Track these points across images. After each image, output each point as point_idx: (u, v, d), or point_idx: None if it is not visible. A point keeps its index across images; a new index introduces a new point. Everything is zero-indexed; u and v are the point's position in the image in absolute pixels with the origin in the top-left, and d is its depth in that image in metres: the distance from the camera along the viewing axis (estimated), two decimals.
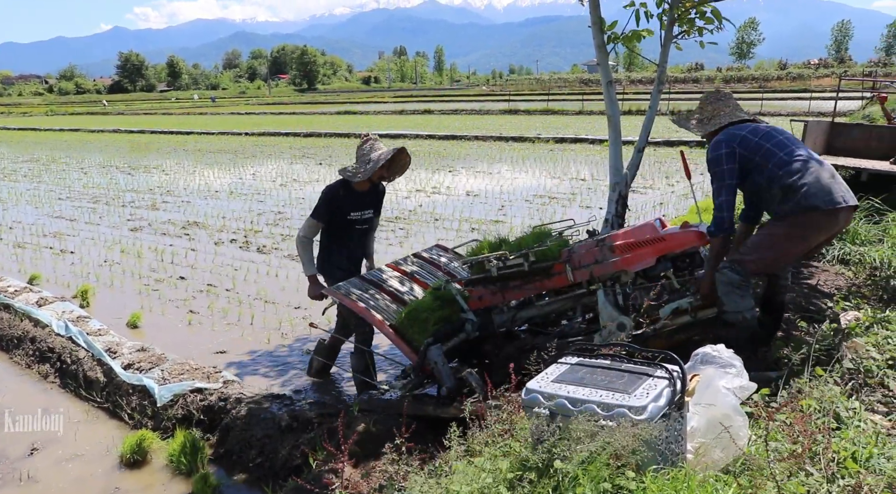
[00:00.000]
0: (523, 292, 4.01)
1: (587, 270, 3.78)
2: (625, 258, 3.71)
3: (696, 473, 1.92)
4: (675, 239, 3.71)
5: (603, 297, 3.71)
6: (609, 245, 3.75)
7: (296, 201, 12.31)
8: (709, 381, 2.17)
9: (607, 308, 3.69)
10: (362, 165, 4.54)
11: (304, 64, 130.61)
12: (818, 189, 3.40)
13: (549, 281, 3.91)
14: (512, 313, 4.14)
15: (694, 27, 6.00)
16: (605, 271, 3.75)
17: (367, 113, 43.96)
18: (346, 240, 4.71)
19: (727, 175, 3.56)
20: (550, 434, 2.00)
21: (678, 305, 3.67)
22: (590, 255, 3.80)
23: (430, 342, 3.82)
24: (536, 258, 3.86)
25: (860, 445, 2.41)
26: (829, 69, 73.04)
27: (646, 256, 3.69)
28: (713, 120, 3.86)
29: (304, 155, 20.39)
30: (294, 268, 7.83)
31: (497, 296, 4.07)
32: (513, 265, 3.91)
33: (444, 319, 4.05)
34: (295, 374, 5.18)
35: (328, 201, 4.57)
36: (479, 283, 4.09)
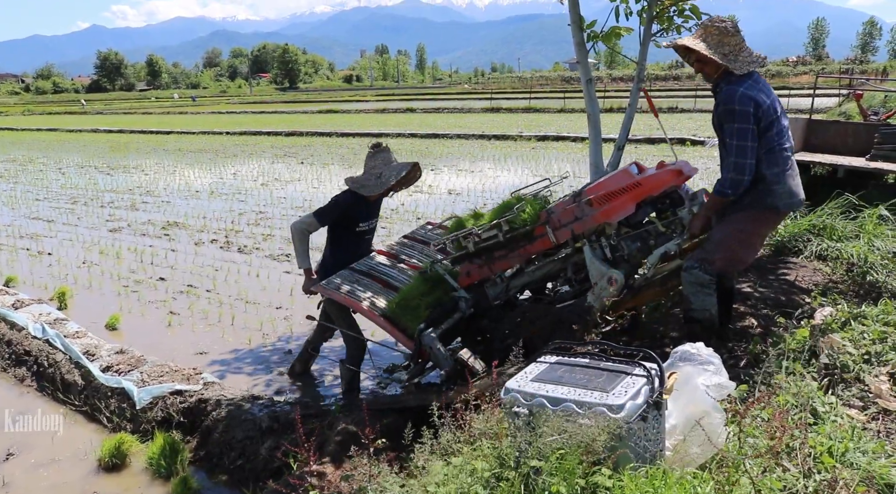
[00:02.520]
0: (510, 260, 3.96)
1: (568, 229, 3.71)
2: (604, 211, 3.60)
3: (673, 470, 1.93)
4: (652, 182, 3.59)
5: (590, 253, 3.64)
6: (586, 200, 3.64)
7: (277, 201, 12.24)
8: (687, 379, 2.18)
9: (595, 264, 3.61)
10: (372, 179, 4.46)
11: (286, 62, 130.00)
12: (786, 191, 3.37)
13: (533, 246, 3.85)
14: (504, 284, 4.09)
15: (672, 25, 6.04)
16: (587, 226, 3.66)
17: (349, 112, 43.81)
18: (352, 250, 4.65)
19: (750, 136, 3.29)
20: (529, 432, 2.00)
21: (666, 249, 3.59)
22: (568, 213, 3.71)
23: (423, 328, 3.79)
24: (511, 227, 3.80)
25: (836, 440, 2.43)
26: (807, 66, 73.78)
27: (625, 204, 3.57)
28: (740, 58, 3.44)
29: (286, 154, 20.28)
30: (275, 268, 7.79)
31: (484, 269, 4.02)
32: (488, 238, 3.88)
33: (436, 301, 4.02)
34: (276, 375, 5.16)
35: (339, 209, 4.48)
36: (464, 259, 4.05)
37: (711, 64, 3.43)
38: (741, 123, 3.29)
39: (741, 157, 3.28)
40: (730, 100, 3.33)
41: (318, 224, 4.47)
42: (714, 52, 3.37)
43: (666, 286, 3.71)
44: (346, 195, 4.54)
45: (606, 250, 3.67)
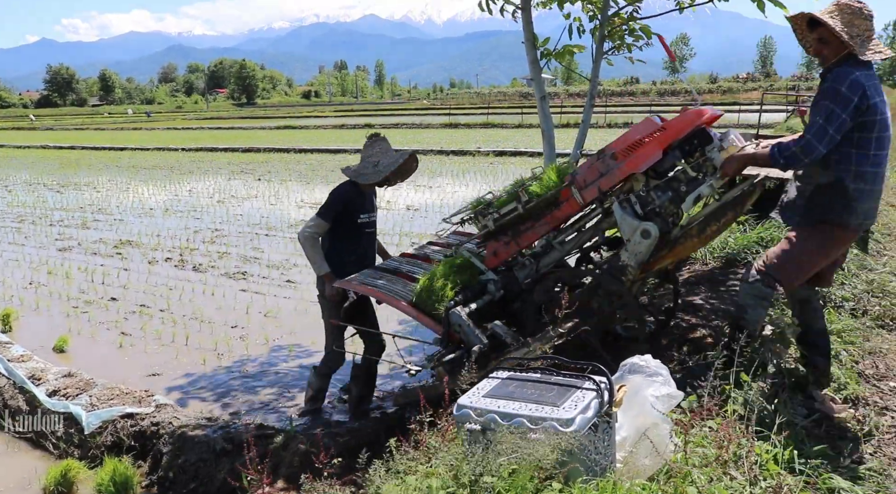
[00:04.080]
0: (537, 231, 3.74)
1: (594, 186, 3.50)
2: (630, 161, 3.41)
3: (623, 483, 1.95)
4: (676, 124, 3.40)
5: (619, 210, 3.46)
6: (610, 153, 3.47)
7: (233, 218, 12.09)
8: (636, 390, 2.21)
9: (626, 220, 3.43)
10: (369, 167, 4.35)
11: (243, 78, 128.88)
12: (864, 210, 3.03)
13: (560, 210, 3.64)
14: (534, 263, 3.88)
15: (624, 43, 6.18)
16: (614, 180, 3.47)
17: (308, 128, 43.61)
18: (356, 245, 4.49)
19: (836, 124, 2.86)
20: (481, 449, 2.01)
21: (699, 192, 3.40)
22: (593, 170, 3.52)
23: (451, 306, 3.60)
24: (531, 195, 3.62)
25: (781, 447, 2.49)
26: (756, 83, 76.10)
27: (650, 150, 3.38)
28: (868, 45, 2.96)
29: (243, 171, 20.07)
30: (230, 287, 7.68)
31: (512, 245, 3.80)
32: (507, 212, 3.69)
33: (462, 285, 3.81)
34: (232, 395, 5.07)
35: (338, 201, 4.33)
36: (489, 238, 3.85)
37: (834, 44, 2.96)
38: (838, 106, 2.87)
39: (817, 137, 2.89)
40: (839, 80, 2.89)
41: (325, 223, 4.30)
42: (843, 30, 2.90)
43: (704, 234, 3.51)
44: (344, 186, 4.43)
45: (636, 205, 3.47)
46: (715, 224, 3.49)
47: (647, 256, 3.43)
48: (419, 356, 5.03)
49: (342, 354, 4.51)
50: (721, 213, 3.48)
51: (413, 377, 4.55)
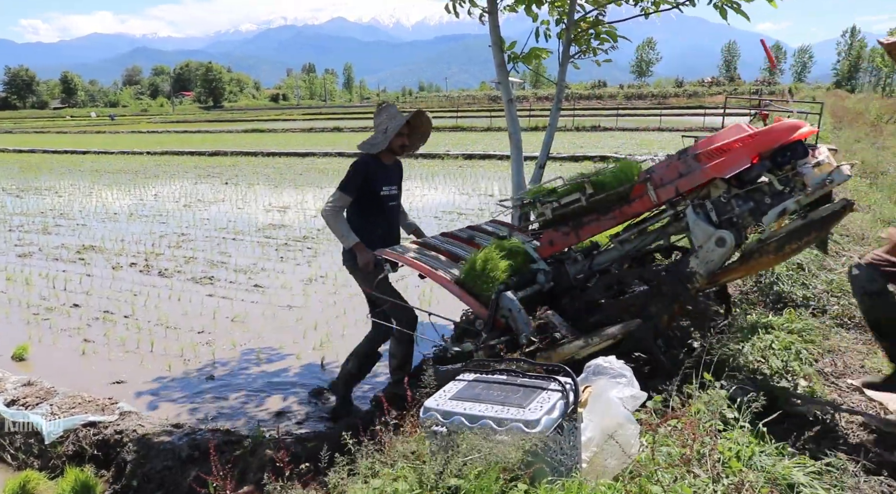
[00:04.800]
0: (601, 226, 3.59)
1: (672, 185, 3.36)
2: (714, 164, 3.26)
3: (588, 482, 1.97)
4: (768, 134, 3.27)
5: (693, 215, 3.32)
6: (693, 155, 3.34)
7: (200, 222, 11.94)
8: (601, 392, 2.23)
9: (700, 225, 3.29)
10: (379, 136, 4.27)
11: (210, 81, 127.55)
12: None
13: (631, 207, 3.48)
14: (587, 261, 3.74)
15: (590, 47, 6.25)
16: (694, 181, 3.33)
17: (276, 131, 43.26)
18: (379, 219, 4.38)
19: None
20: (447, 451, 2.01)
21: (784, 207, 3.24)
22: (672, 169, 3.38)
23: (502, 289, 3.42)
24: (598, 188, 3.45)
25: (743, 445, 2.54)
26: (721, 87, 77.34)
27: (738, 157, 3.23)
28: None
29: (210, 174, 19.83)
30: (197, 292, 7.58)
31: (570, 237, 3.65)
32: (568, 203, 3.52)
33: (513, 270, 3.64)
34: (199, 402, 5.00)
35: (359, 172, 4.22)
36: (547, 226, 3.69)
37: None
38: None
39: None
40: None
41: (347, 196, 4.21)
42: None
43: (782, 252, 3.34)
44: (363, 158, 4.35)
45: (712, 212, 3.32)
46: (795, 243, 3.32)
47: (719, 265, 3.32)
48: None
49: (409, 307, 4.37)
50: (804, 231, 3.29)
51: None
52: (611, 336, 3.13)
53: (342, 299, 7.18)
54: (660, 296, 3.40)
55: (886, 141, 17.22)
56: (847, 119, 24.42)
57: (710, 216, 3.32)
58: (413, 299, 7.11)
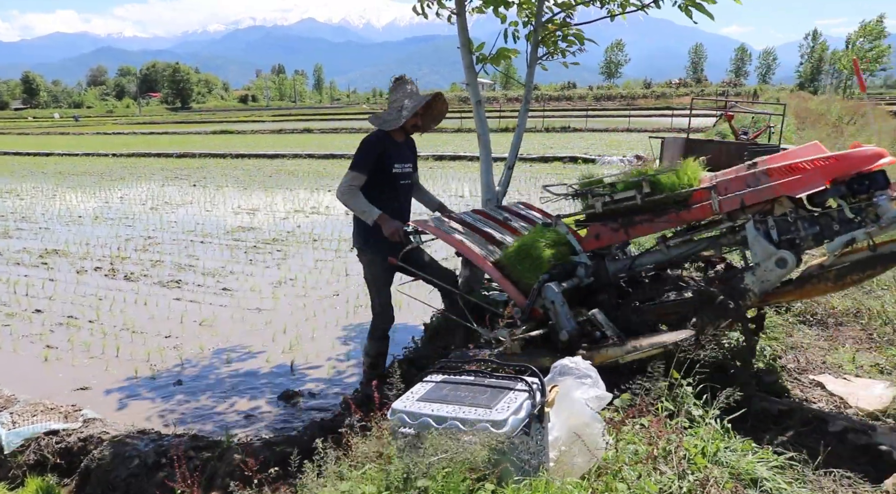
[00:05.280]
0: (653, 227, 3.44)
1: (737, 197, 3.23)
2: (786, 182, 3.14)
3: (555, 481, 1.98)
4: (850, 158, 3.14)
5: (754, 230, 3.20)
6: (764, 168, 3.22)
7: (167, 225, 11.78)
8: (567, 392, 2.25)
9: (761, 242, 3.18)
10: (394, 113, 4.18)
11: (177, 82, 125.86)
12: None
13: (689, 213, 3.35)
14: (629, 260, 3.63)
15: (558, 49, 6.29)
16: (761, 196, 3.20)
17: (245, 132, 42.86)
18: (391, 198, 4.24)
19: None
20: (415, 452, 2.01)
21: (852, 236, 3.12)
22: (739, 181, 3.25)
23: (546, 279, 3.30)
24: (655, 188, 3.33)
25: (708, 441, 2.58)
26: (688, 89, 78.46)
27: (812, 178, 3.11)
28: None
29: (177, 176, 19.57)
30: (164, 296, 7.48)
31: (619, 234, 3.51)
32: (622, 199, 3.40)
33: (555, 260, 3.52)
34: (166, 407, 4.93)
35: (370, 150, 4.13)
36: (595, 219, 3.55)
37: None
38: None
39: None
40: None
41: (361, 175, 4.10)
42: None
43: (842, 282, 3.25)
44: (374, 135, 4.25)
45: (773, 230, 3.21)
46: (858, 275, 3.23)
47: (774, 286, 3.24)
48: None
49: (390, 310, 4.29)
50: (870, 265, 3.19)
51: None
52: (662, 345, 3.01)
53: (312, 302, 7.14)
54: (707, 308, 3.30)
55: (847, 142, 17.60)
56: (810, 120, 24.91)
57: (770, 234, 3.22)
58: None
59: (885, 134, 17.49)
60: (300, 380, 5.31)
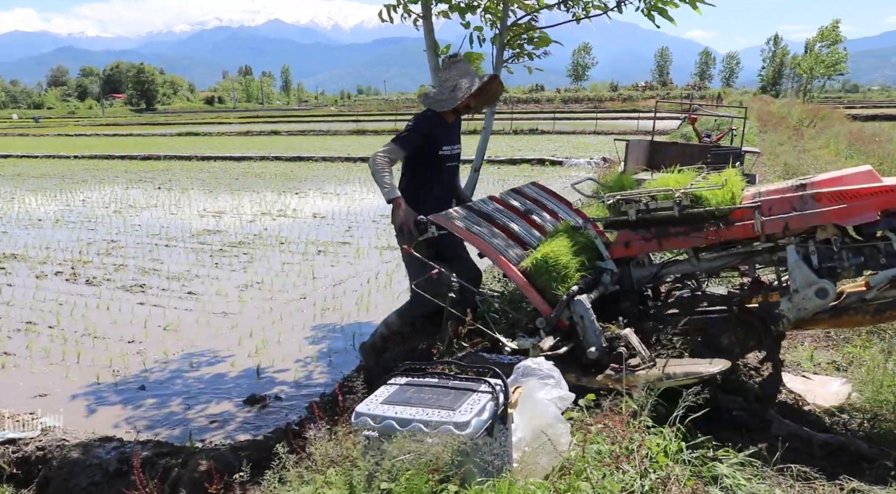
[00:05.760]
0: (689, 240, 3.30)
1: (781, 220, 3.09)
2: (835, 210, 2.99)
3: (518, 482, 2.00)
4: None
5: (795, 254, 3.08)
6: (812, 193, 3.06)
7: (131, 229, 11.58)
8: (530, 393, 2.27)
9: (802, 268, 3.05)
10: (446, 93, 4.00)
11: (142, 83, 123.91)
12: None
13: (729, 230, 3.21)
14: (656, 268, 3.49)
15: (524, 52, 6.34)
16: (806, 222, 3.07)
17: (211, 134, 42.35)
18: (435, 181, 4.10)
19: None
20: (378, 455, 2.01)
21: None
22: (784, 202, 3.11)
23: (576, 292, 3.15)
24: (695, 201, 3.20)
25: (670, 440, 2.62)
26: (654, 91, 79.59)
27: (865, 208, 2.97)
28: None
29: (142, 179, 19.27)
30: (127, 300, 7.35)
31: (651, 243, 3.36)
32: (657, 209, 3.24)
33: (582, 267, 3.37)
34: (129, 413, 4.84)
35: (421, 128, 3.96)
36: (625, 226, 3.41)
37: None
38: None
39: None
40: None
41: (402, 151, 3.93)
42: None
43: (880, 316, 3.16)
44: (426, 114, 4.09)
45: (814, 256, 3.08)
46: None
47: (811, 315, 3.13)
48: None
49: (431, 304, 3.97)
50: None
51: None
52: (697, 376, 2.88)
53: (278, 305, 7.08)
54: (739, 329, 3.23)
55: (807, 144, 18.04)
56: (772, 123, 25.45)
57: (810, 259, 3.09)
58: (350, 303, 7.09)
59: (841, 137, 17.94)
60: (267, 384, 5.26)
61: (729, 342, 3.21)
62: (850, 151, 15.48)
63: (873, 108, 46.31)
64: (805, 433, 3.03)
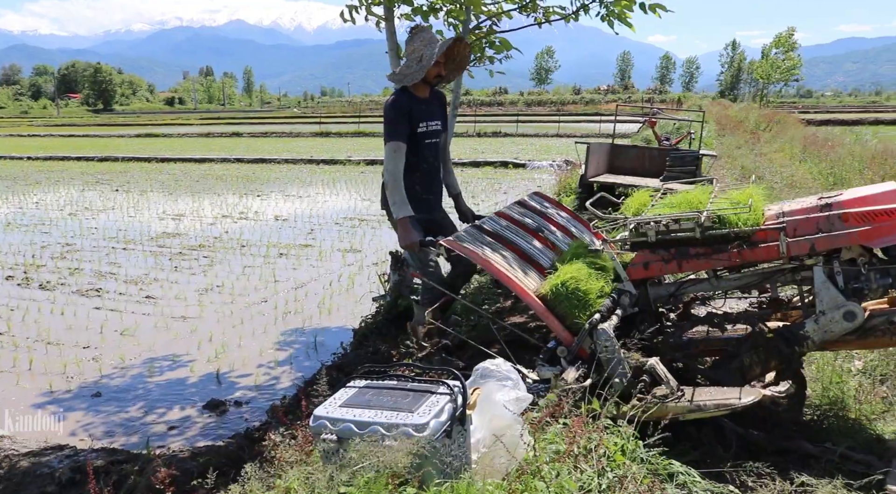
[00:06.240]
0: (710, 263, 3.18)
1: (807, 241, 2.98)
2: (864, 231, 2.89)
3: (476, 483, 2.01)
4: None
5: (822, 275, 2.98)
6: (839, 213, 2.95)
7: (87, 232, 11.33)
8: (489, 394, 2.28)
9: (829, 290, 2.96)
10: (413, 65, 3.85)
11: (99, 82, 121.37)
12: None
13: (753, 252, 3.09)
14: (675, 286, 3.39)
15: (485, 55, 6.37)
16: (834, 243, 2.96)
17: (171, 136, 41.64)
18: (418, 160, 3.97)
19: None
20: (337, 459, 2.00)
21: None
22: (809, 223, 3.00)
23: (598, 320, 3.02)
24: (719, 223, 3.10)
25: (627, 439, 2.65)
26: (616, 95, 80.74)
27: (893, 230, 2.87)
28: None
29: (98, 181, 18.86)
30: (83, 305, 7.19)
31: (670, 265, 3.25)
32: (678, 230, 3.14)
33: (602, 292, 3.25)
34: (84, 420, 4.74)
35: (398, 112, 3.84)
36: (644, 247, 3.29)
37: None
38: None
39: None
40: None
41: (401, 143, 3.82)
42: None
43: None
44: (396, 94, 3.94)
45: (839, 276, 2.98)
46: None
47: (836, 338, 3.04)
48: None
49: (439, 271, 4.01)
50: None
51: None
52: (729, 407, 2.80)
53: (239, 309, 7.00)
54: (761, 350, 3.14)
55: (763, 148, 18.45)
56: (729, 127, 25.94)
57: (836, 280, 2.98)
58: (311, 306, 7.04)
59: (796, 141, 18.40)
60: (227, 389, 5.20)
61: (750, 363, 3.14)
62: (804, 155, 15.88)
63: (826, 113, 47.63)
64: (759, 438, 3.07)
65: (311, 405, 2.72)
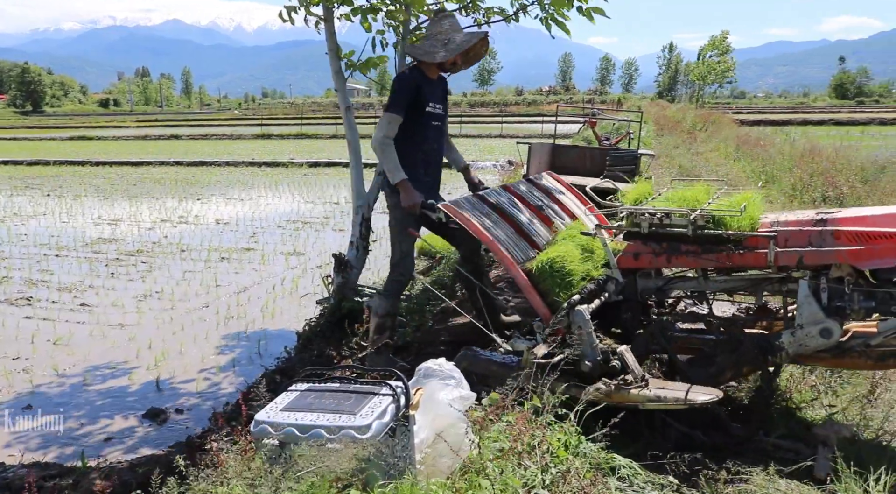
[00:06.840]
0: (698, 261, 3.20)
1: (796, 253, 2.99)
2: (855, 252, 2.89)
3: (420, 483, 2.01)
4: None
5: (806, 289, 2.98)
6: (831, 230, 2.95)
7: (16, 239, 10.88)
8: (432, 394, 2.29)
9: (811, 305, 2.97)
10: (438, 45, 3.86)
11: (27, 83, 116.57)
12: None
13: (740, 257, 3.10)
14: (662, 282, 3.41)
15: None
16: (823, 259, 2.95)
17: (106, 138, 40.35)
18: (421, 140, 3.99)
19: None
20: (280, 464, 1.98)
21: None
22: (801, 236, 3.00)
23: (578, 301, 3.05)
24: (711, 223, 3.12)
25: (570, 435, 2.70)
26: (557, 96, 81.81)
27: (887, 253, 2.85)
28: None
29: (28, 186, 18.14)
30: (12, 314, 6.91)
31: (660, 259, 3.26)
32: (671, 225, 3.17)
33: (588, 274, 3.28)
34: (13, 435, 4.55)
35: (408, 87, 3.85)
36: (636, 237, 3.30)
37: None
38: None
39: None
40: None
41: (398, 116, 3.83)
42: None
43: (883, 363, 3.07)
44: (411, 70, 3.97)
45: (824, 292, 2.98)
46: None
47: (810, 353, 3.07)
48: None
49: (410, 262, 4.03)
50: None
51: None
52: (686, 403, 2.83)
53: (180, 315, 6.83)
54: (735, 354, 3.16)
55: (700, 147, 19.00)
56: (667, 127, 26.61)
57: (819, 296, 2.99)
58: (255, 310, 6.94)
59: (730, 140, 19.01)
60: (169, 397, 5.08)
61: (722, 365, 3.18)
62: (738, 154, 16.41)
63: (758, 113, 49.45)
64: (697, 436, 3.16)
65: (251, 410, 2.68)
